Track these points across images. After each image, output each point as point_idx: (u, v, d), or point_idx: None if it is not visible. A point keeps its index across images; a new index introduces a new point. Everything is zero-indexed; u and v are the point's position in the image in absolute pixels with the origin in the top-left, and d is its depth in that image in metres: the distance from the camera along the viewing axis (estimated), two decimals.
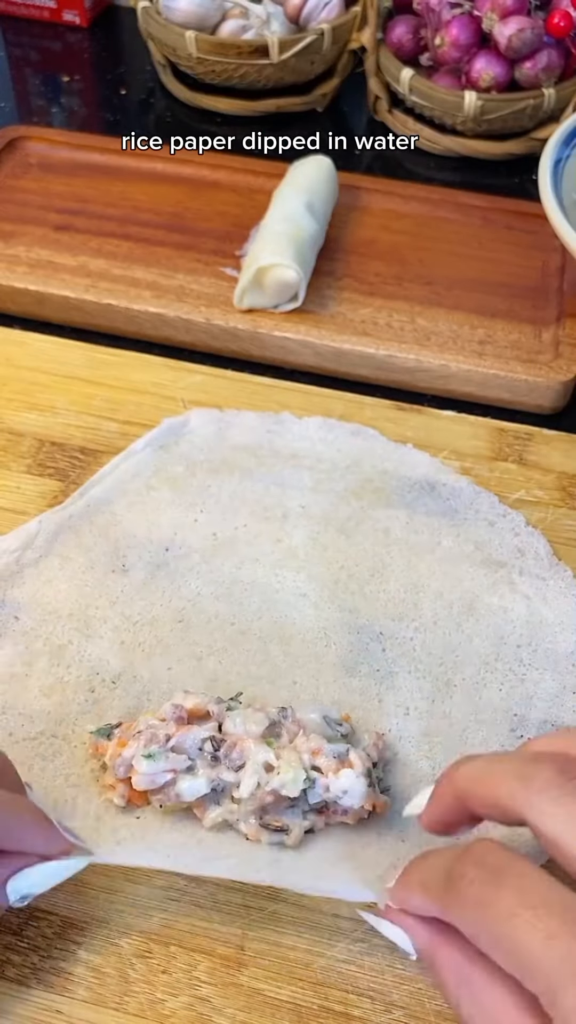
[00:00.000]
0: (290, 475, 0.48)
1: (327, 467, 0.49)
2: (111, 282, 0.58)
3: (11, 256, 0.60)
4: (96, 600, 0.43)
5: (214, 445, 0.49)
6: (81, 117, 0.78)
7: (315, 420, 0.51)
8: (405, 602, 0.43)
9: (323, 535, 0.46)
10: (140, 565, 0.44)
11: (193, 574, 0.44)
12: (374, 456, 0.49)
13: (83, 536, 0.45)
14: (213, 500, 0.47)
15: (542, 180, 0.54)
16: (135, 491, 0.47)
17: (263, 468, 0.48)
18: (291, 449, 0.49)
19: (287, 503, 0.47)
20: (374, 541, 0.45)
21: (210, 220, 0.63)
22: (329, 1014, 0.32)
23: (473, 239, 0.63)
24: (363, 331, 0.56)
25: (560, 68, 0.69)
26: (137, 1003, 0.32)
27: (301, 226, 0.57)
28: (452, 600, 0.43)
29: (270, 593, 0.43)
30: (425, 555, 0.45)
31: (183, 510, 0.46)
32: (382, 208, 0.65)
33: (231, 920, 0.34)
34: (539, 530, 0.46)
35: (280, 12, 0.74)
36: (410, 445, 0.50)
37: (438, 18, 0.69)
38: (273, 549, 0.45)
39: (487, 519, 0.47)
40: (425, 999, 0.33)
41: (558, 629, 0.42)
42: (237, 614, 0.43)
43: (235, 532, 0.46)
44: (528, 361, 0.54)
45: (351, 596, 0.43)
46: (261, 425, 0.50)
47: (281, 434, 0.50)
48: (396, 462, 0.49)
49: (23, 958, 0.33)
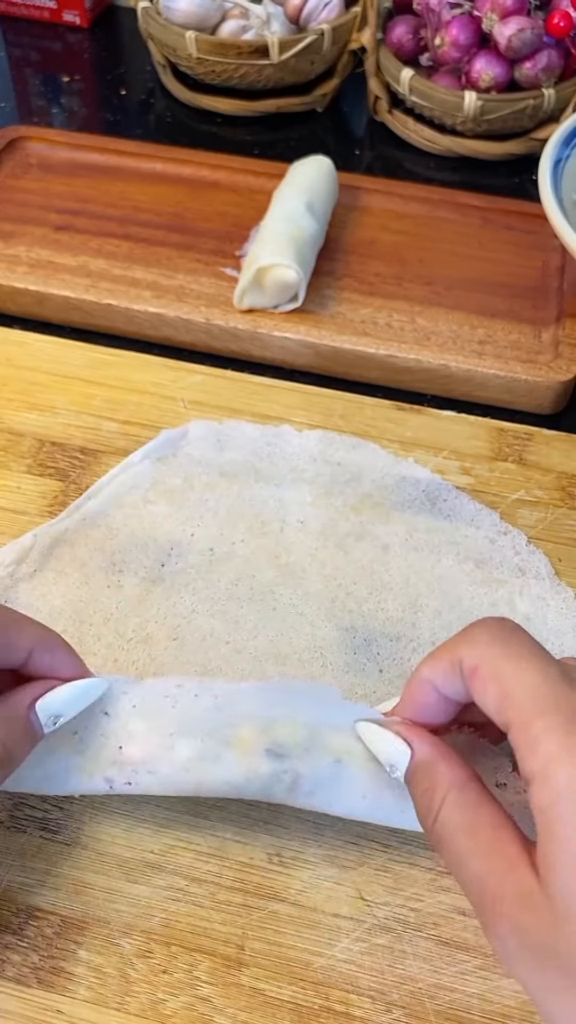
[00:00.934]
0: (289, 489, 0.47)
1: (326, 481, 0.48)
2: (111, 282, 0.58)
3: (11, 256, 0.60)
4: (91, 616, 0.42)
5: (212, 458, 0.49)
6: (81, 117, 0.78)
7: (315, 433, 0.50)
8: (403, 621, 0.43)
9: (321, 551, 0.45)
10: (135, 581, 0.43)
11: (189, 590, 0.43)
12: (374, 471, 0.48)
13: (78, 550, 0.44)
14: (211, 514, 0.46)
15: (542, 180, 0.54)
16: (131, 504, 0.46)
17: (261, 482, 0.48)
18: (290, 463, 0.49)
19: (286, 517, 0.46)
20: (373, 558, 0.45)
21: (210, 220, 0.63)
22: (329, 1014, 0.32)
23: (473, 239, 0.63)
24: (363, 331, 0.56)
25: (560, 68, 0.69)
26: (138, 1003, 0.32)
27: (301, 226, 0.57)
28: (451, 620, 0.43)
29: (266, 611, 0.43)
30: (424, 573, 0.44)
31: (180, 524, 0.46)
32: (382, 208, 0.65)
33: (231, 920, 0.34)
34: (541, 551, 0.45)
35: (280, 12, 0.74)
36: (411, 459, 0.49)
37: (438, 18, 0.69)
38: (270, 565, 0.44)
39: (488, 536, 0.46)
40: (425, 999, 0.33)
41: (559, 650, 0.42)
42: (232, 632, 0.42)
43: (232, 547, 0.45)
44: (528, 361, 0.54)
45: (348, 615, 0.43)
46: (260, 437, 0.50)
47: (280, 447, 0.49)
48: (396, 477, 0.48)
49: (23, 958, 0.33)
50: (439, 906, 0.35)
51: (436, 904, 0.35)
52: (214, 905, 0.35)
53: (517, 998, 0.33)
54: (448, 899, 0.35)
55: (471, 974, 0.33)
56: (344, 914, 0.35)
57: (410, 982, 0.33)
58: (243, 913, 0.35)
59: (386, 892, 0.35)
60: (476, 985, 0.33)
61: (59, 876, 0.35)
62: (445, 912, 0.35)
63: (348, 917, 0.34)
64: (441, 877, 0.35)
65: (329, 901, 0.35)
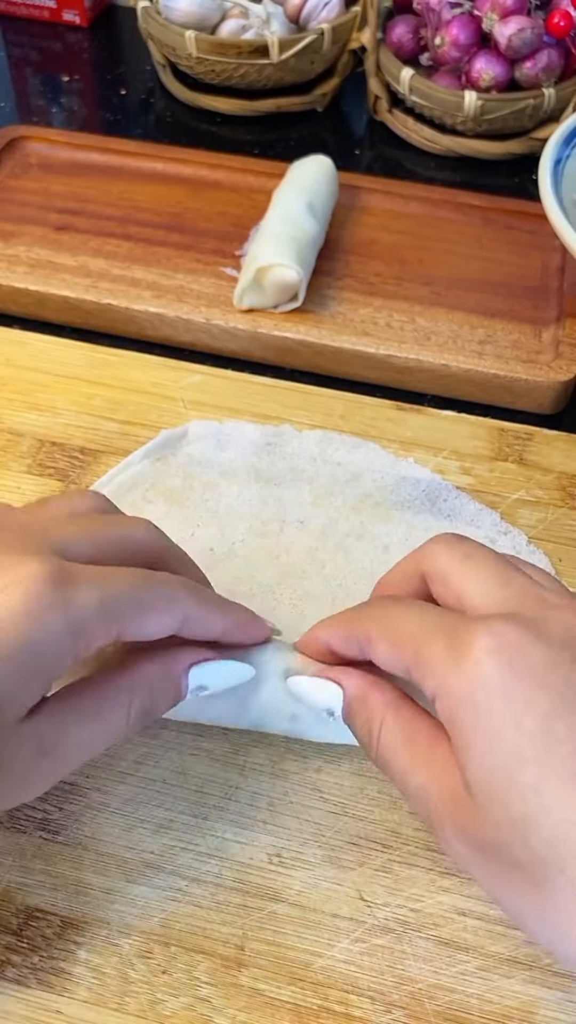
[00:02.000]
0: (289, 489, 0.47)
1: (326, 481, 0.48)
2: (111, 282, 0.58)
3: (11, 256, 0.60)
4: None
5: (212, 458, 0.49)
6: (81, 117, 0.78)
7: (315, 433, 0.50)
8: None
9: (321, 551, 0.45)
10: None
11: None
12: (374, 471, 0.48)
13: None
14: (210, 514, 0.46)
15: (542, 180, 0.54)
16: (131, 504, 0.46)
17: (261, 482, 0.48)
18: (290, 463, 0.49)
19: (285, 517, 0.46)
20: (373, 558, 0.45)
21: (210, 220, 0.63)
22: (329, 1014, 0.32)
23: (473, 239, 0.63)
24: (363, 331, 0.56)
25: (560, 68, 0.69)
26: (137, 1003, 0.32)
27: (301, 226, 0.57)
28: None
29: (266, 611, 0.41)
30: None
31: (180, 524, 0.46)
32: (382, 208, 0.65)
33: (231, 920, 0.34)
34: (541, 551, 0.45)
35: (280, 12, 0.74)
36: (411, 459, 0.49)
37: (438, 18, 0.69)
38: (271, 565, 0.44)
39: (488, 536, 0.46)
40: (425, 999, 0.33)
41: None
42: None
43: (232, 547, 0.45)
44: (528, 361, 0.54)
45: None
46: (260, 438, 0.50)
47: (280, 447, 0.49)
48: (397, 477, 0.48)
49: (23, 958, 0.33)
50: (439, 906, 0.35)
51: (436, 904, 0.35)
52: (214, 905, 0.35)
53: (517, 998, 0.33)
54: (448, 899, 0.35)
55: (471, 974, 0.33)
56: (344, 914, 0.35)
57: (410, 982, 0.33)
58: (243, 913, 0.35)
59: (386, 892, 0.35)
60: (476, 985, 0.33)
61: (59, 876, 0.35)
62: (445, 912, 0.35)
63: (348, 917, 0.34)
64: (441, 877, 0.35)
65: (329, 902, 0.35)
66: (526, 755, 0.25)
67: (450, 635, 0.28)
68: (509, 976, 0.33)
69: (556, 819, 0.25)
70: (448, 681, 0.27)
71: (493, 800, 0.26)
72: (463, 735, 0.27)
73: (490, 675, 0.26)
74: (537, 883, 0.25)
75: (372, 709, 0.31)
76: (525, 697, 0.26)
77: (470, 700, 0.27)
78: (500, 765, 0.26)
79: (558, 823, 0.25)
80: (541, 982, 0.33)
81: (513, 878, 0.26)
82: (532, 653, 0.27)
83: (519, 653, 0.27)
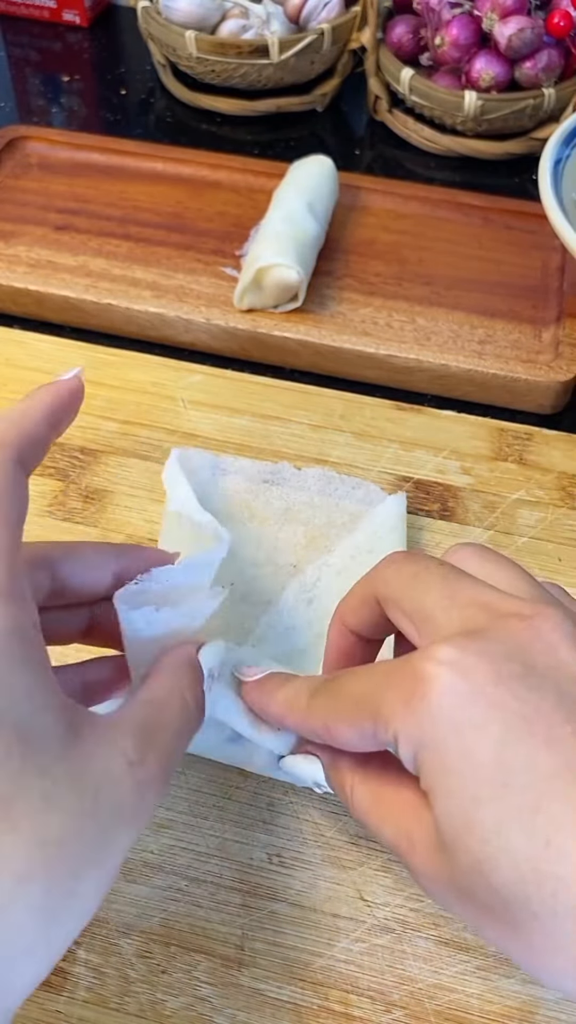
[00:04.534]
0: (283, 530, 0.45)
1: (322, 523, 0.46)
2: (111, 282, 0.58)
3: (11, 256, 0.60)
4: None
5: (207, 493, 0.46)
6: (81, 117, 0.78)
7: (314, 471, 0.48)
8: None
9: (313, 600, 0.43)
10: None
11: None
12: (375, 521, 0.45)
13: None
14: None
15: (542, 180, 0.54)
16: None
17: (255, 521, 0.46)
18: (286, 501, 0.47)
19: (277, 560, 0.44)
20: None
21: (210, 220, 0.63)
22: (329, 1014, 0.32)
23: (473, 239, 0.63)
24: (363, 331, 0.56)
25: (560, 68, 0.69)
26: (137, 1003, 0.32)
27: (302, 226, 0.57)
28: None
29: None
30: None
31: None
32: (382, 208, 0.65)
33: (231, 920, 0.34)
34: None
35: (280, 12, 0.74)
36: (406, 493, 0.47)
37: (438, 18, 0.69)
38: (260, 612, 0.42)
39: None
40: (425, 999, 0.33)
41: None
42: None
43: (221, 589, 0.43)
44: (528, 361, 0.54)
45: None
46: (257, 474, 0.48)
47: (278, 484, 0.47)
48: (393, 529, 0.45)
49: None
50: (439, 906, 0.35)
51: (436, 904, 0.35)
52: (213, 905, 0.35)
53: (517, 998, 0.33)
54: None
55: (471, 974, 0.33)
56: (344, 914, 0.35)
57: (410, 982, 0.33)
58: (242, 913, 0.35)
59: (386, 892, 0.35)
60: (476, 985, 0.33)
61: None
62: (445, 912, 0.35)
63: (348, 917, 0.34)
64: None
65: (329, 901, 0.35)
66: (482, 793, 0.24)
67: (397, 680, 0.27)
68: (509, 976, 0.33)
69: (518, 859, 0.24)
70: (404, 727, 0.26)
71: (457, 844, 0.25)
72: (427, 779, 0.26)
73: (438, 708, 0.25)
74: (511, 924, 0.24)
75: (343, 774, 0.30)
76: (474, 724, 0.25)
77: (425, 741, 0.25)
78: (458, 808, 0.25)
79: (520, 863, 0.24)
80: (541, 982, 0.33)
81: (489, 920, 0.25)
82: (476, 673, 0.25)
83: (463, 676, 0.25)
